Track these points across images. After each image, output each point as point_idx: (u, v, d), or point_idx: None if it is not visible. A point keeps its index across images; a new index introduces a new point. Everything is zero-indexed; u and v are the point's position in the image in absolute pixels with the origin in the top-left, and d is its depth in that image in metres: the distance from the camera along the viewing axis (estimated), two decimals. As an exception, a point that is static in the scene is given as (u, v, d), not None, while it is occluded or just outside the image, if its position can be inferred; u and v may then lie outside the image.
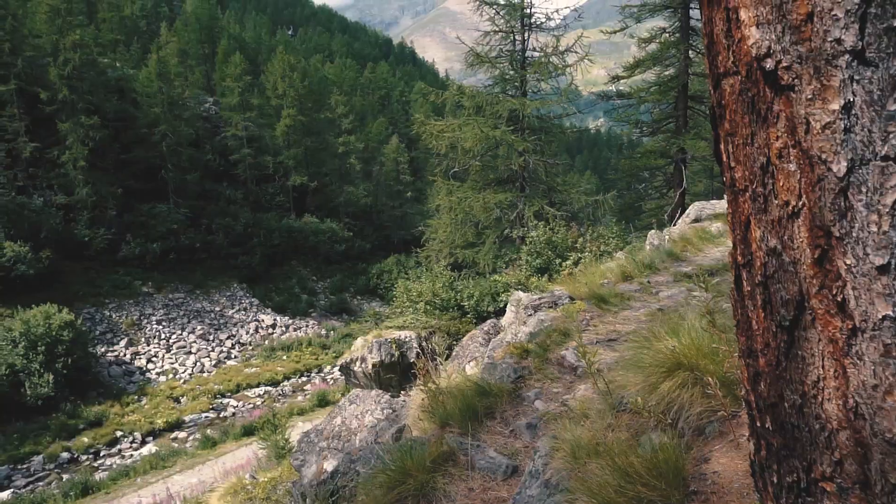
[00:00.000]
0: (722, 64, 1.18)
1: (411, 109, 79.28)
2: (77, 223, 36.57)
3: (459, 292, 15.92)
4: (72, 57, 37.06)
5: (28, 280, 30.82)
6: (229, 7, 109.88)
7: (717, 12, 1.16)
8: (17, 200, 34.12)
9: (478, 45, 20.78)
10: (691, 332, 2.87)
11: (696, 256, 6.41)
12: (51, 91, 36.75)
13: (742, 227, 1.23)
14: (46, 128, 37.01)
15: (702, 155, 23.61)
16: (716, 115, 1.26)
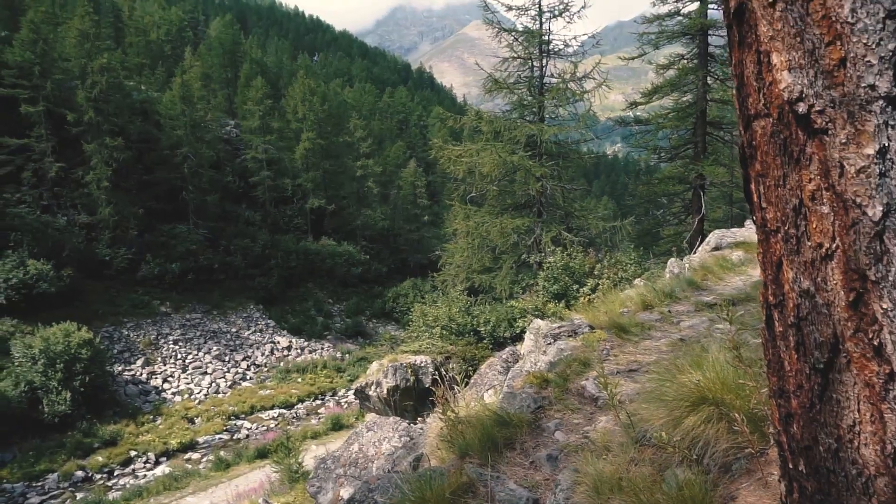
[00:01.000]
0: (753, 106, 1.18)
1: (429, 133, 80.00)
2: (99, 242, 37.13)
3: (476, 317, 15.88)
4: (99, 80, 37.98)
5: (49, 298, 31.25)
6: (252, 32, 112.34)
7: (748, 55, 1.18)
8: (42, 219, 34.76)
9: (496, 70, 21.00)
10: (715, 366, 2.83)
11: (716, 285, 6.35)
12: (78, 113, 37.62)
13: (773, 268, 1.22)
14: (72, 148, 37.83)
15: (720, 181, 23.55)
16: (746, 155, 1.26)
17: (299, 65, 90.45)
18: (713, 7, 21.27)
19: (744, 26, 1.17)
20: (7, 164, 35.68)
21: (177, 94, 43.58)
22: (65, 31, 41.72)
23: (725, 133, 24.02)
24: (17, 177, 36.25)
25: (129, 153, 39.23)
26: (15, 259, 30.76)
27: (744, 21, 1.17)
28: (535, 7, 20.31)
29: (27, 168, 36.41)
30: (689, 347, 3.94)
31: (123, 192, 38.96)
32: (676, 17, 21.86)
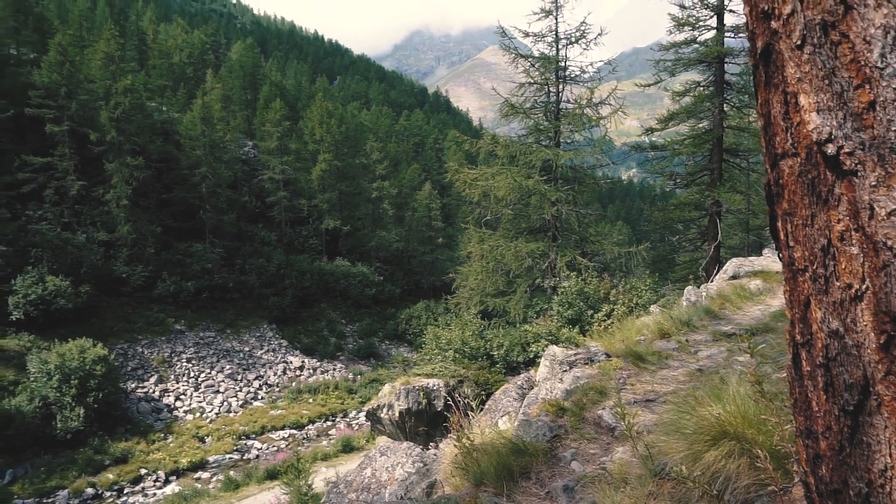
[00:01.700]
0: (780, 145, 1.19)
1: (444, 156, 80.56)
2: (116, 260, 37.56)
3: (489, 341, 15.80)
4: (122, 101, 38.77)
5: (66, 314, 31.57)
6: (272, 56, 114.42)
7: (775, 95, 1.18)
8: (62, 236, 35.28)
9: (513, 95, 21.16)
10: (736, 399, 2.79)
11: (734, 315, 6.28)
12: (100, 132, 38.35)
13: (801, 307, 1.22)
14: (94, 167, 38.51)
15: (737, 208, 23.39)
16: (773, 193, 1.26)
17: (317, 87, 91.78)
18: (730, 35, 21.38)
19: (770, 67, 1.18)
20: (31, 181, 36.37)
21: (197, 115, 44.33)
22: (91, 53, 42.75)
23: (742, 160, 23.96)
24: (39, 194, 36.90)
25: (149, 172, 39.82)
26: (35, 275, 31.19)
27: (770, 62, 1.18)
28: (552, 34, 20.52)
29: (50, 186, 37.07)
30: (708, 378, 3.89)
31: (142, 210, 39.50)
32: (693, 45, 21.98)
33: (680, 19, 21.57)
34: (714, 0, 21.10)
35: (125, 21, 76.75)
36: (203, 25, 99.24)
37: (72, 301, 31.82)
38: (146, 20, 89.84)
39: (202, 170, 42.49)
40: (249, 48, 78.97)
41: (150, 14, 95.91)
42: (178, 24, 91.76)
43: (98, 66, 40.56)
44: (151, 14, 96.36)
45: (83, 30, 53.49)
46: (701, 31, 21.78)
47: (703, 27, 21.60)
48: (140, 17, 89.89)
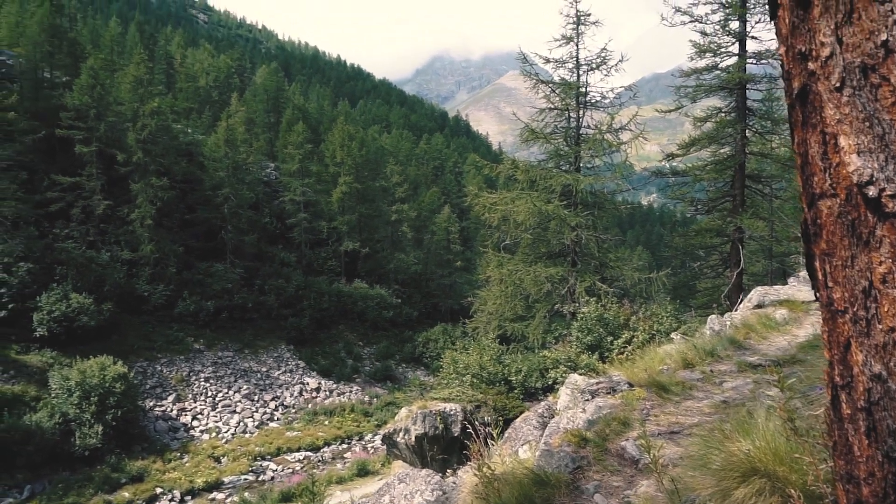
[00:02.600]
0: (818, 185, 1.18)
1: (464, 180, 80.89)
2: (139, 278, 38.07)
3: (507, 366, 15.68)
4: (149, 123, 39.64)
5: (88, 331, 31.96)
6: (295, 80, 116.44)
7: (812, 135, 1.18)
8: (87, 254, 35.90)
9: (533, 121, 21.27)
10: (766, 435, 2.73)
11: (760, 345, 6.17)
12: (127, 153, 39.19)
13: (841, 349, 1.20)
14: (120, 187, 39.27)
15: (760, 234, 23.11)
16: (809, 232, 1.25)
17: (339, 111, 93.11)
18: (752, 62, 21.34)
19: (808, 107, 1.18)
20: (59, 200, 37.16)
21: (221, 137, 45.13)
22: (121, 76, 43.88)
23: (764, 186, 23.75)
24: (67, 213, 37.68)
25: (173, 193, 40.49)
26: (59, 292, 31.69)
27: (808, 102, 1.18)
28: (572, 60, 20.66)
29: (77, 205, 37.85)
30: (734, 411, 3.81)
31: (165, 230, 40.10)
32: (714, 71, 21.95)
33: (701, 46, 21.58)
34: (736, 27, 21.12)
35: (154, 46, 78.82)
36: (229, 50, 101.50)
37: (94, 318, 32.23)
38: (174, 45, 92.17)
39: (225, 191, 43.11)
40: (273, 72, 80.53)
41: (178, 39, 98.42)
42: (205, 49, 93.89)
43: (127, 89, 41.60)
44: (180, 39, 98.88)
45: (114, 54, 55.02)
46: (722, 58, 21.76)
47: (724, 53, 21.58)
48: (169, 42, 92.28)
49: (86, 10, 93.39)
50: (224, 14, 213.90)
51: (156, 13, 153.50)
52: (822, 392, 3.44)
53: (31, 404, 26.85)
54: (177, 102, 56.81)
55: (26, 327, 30.70)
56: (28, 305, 31.09)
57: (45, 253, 34.00)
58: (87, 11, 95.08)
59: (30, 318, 30.77)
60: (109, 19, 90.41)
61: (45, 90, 42.56)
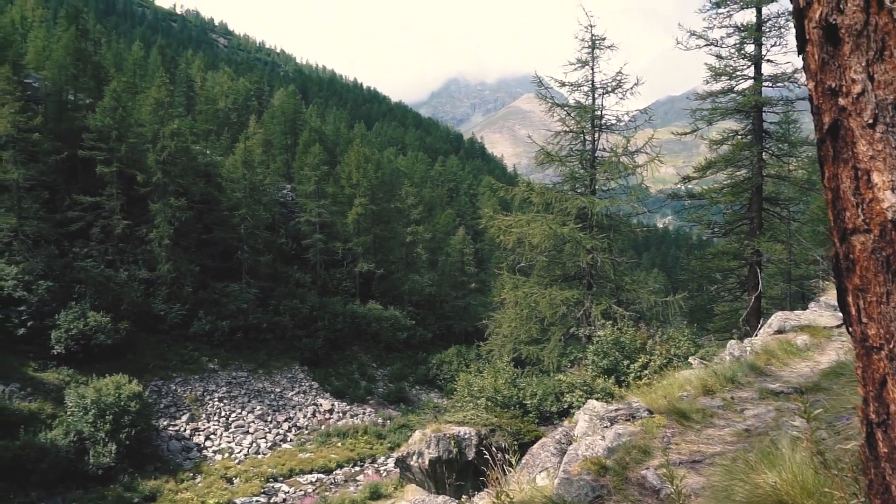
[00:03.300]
0: (850, 220, 1.18)
1: (478, 202, 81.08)
2: (155, 297, 38.40)
3: (522, 390, 15.55)
4: (168, 144, 40.30)
5: (105, 349, 32.23)
6: (313, 102, 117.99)
7: (844, 170, 1.18)
8: (105, 273, 36.34)
9: (548, 143, 21.33)
10: (792, 466, 2.67)
11: (781, 371, 6.07)
12: (147, 174, 39.81)
13: (876, 385, 1.18)
14: (139, 207, 39.83)
15: (778, 258, 22.89)
16: (842, 267, 1.25)
17: (355, 133, 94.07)
18: (767, 85, 21.32)
19: (839, 142, 1.18)
20: (79, 220, 37.75)
21: (239, 158, 45.71)
22: (142, 99, 44.77)
23: (782, 209, 23.59)
24: (86, 232, 38.24)
25: (191, 213, 40.98)
26: (77, 310, 32.05)
27: (839, 137, 1.18)
28: (588, 84, 20.76)
29: (96, 224, 38.42)
30: (758, 440, 3.74)
31: (182, 249, 40.50)
32: (730, 94, 21.95)
33: (717, 69, 21.62)
34: (751, 50, 21.15)
35: (175, 69, 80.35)
36: (248, 73, 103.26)
37: (111, 337, 32.51)
38: (195, 68, 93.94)
39: (242, 211, 43.54)
40: (291, 95, 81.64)
41: (198, 62, 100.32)
42: (225, 72, 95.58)
43: (148, 111, 42.40)
44: (200, 62, 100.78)
45: (136, 77, 56.21)
46: (738, 81, 21.77)
47: (740, 77, 21.60)
48: (189, 66, 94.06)
49: (110, 35, 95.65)
50: (244, 38, 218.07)
51: (177, 37, 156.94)
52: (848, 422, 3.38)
53: (47, 422, 27.02)
54: (196, 124, 57.75)
55: (44, 345, 31.04)
56: (47, 323, 31.47)
57: (64, 271, 34.47)
58: (112, 35, 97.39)
59: (48, 336, 31.13)
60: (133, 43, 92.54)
61: (68, 112, 43.53)
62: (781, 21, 20.36)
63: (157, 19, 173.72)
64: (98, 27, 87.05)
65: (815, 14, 1.18)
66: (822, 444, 2.77)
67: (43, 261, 33.40)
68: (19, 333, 30.66)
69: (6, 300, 30.95)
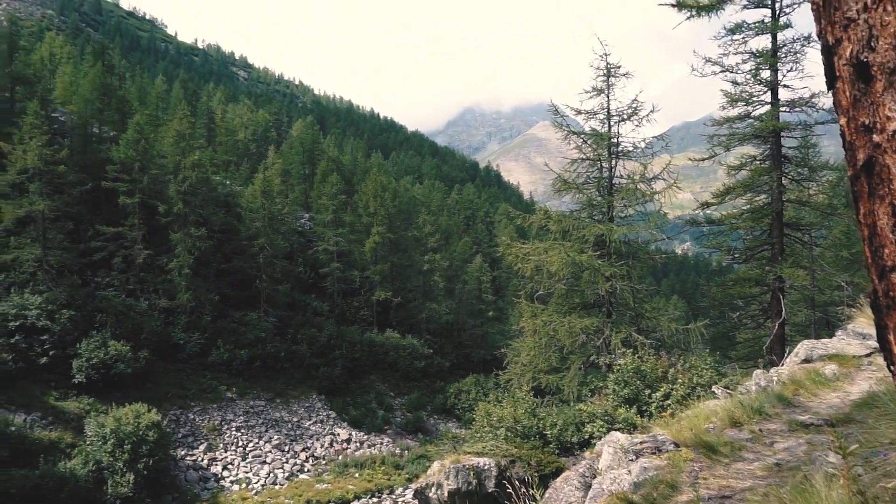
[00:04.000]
0: (889, 258, 1.16)
1: (495, 230, 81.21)
2: (175, 326, 38.70)
3: (542, 420, 15.33)
4: (189, 175, 41.00)
5: (124, 378, 32.44)
6: (330, 132, 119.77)
7: (881, 207, 1.16)
8: (126, 302, 36.79)
9: (565, 171, 21.37)
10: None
11: (810, 402, 5.92)
12: (168, 204, 40.48)
13: (922, 427, 1.15)
14: (160, 237, 40.42)
15: (801, 284, 22.52)
16: (881, 304, 1.22)
17: (372, 162, 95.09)
18: (785, 110, 21.24)
19: (874, 179, 1.17)
20: (102, 250, 38.35)
21: (258, 188, 46.34)
22: (164, 131, 45.77)
23: (804, 234, 23.28)
24: (108, 262, 38.81)
25: (210, 242, 41.46)
26: (98, 339, 32.38)
27: (874, 174, 1.17)
28: (603, 111, 20.85)
29: (118, 254, 39.00)
30: (790, 475, 3.64)
31: (202, 279, 40.89)
32: (747, 120, 21.88)
33: (733, 95, 21.60)
34: (767, 76, 21.13)
35: (197, 101, 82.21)
36: (267, 105, 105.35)
37: (130, 366, 32.74)
38: (216, 100, 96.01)
39: (260, 241, 43.97)
40: (309, 125, 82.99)
41: (219, 95, 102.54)
42: (245, 104, 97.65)
43: (170, 143, 43.29)
44: (221, 95, 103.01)
45: (159, 110, 57.60)
46: (755, 106, 21.71)
47: (756, 102, 21.55)
48: (210, 98, 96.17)
49: (134, 70, 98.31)
50: (263, 71, 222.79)
51: (199, 71, 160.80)
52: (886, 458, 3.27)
53: (67, 451, 27.14)
54: (217, 155, 58.81)
55: (66, 374, 31.34)
56: (68, 352, 31.81)
57: (86, 301, 34.95)
58: (136, 70, 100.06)
59: (70, 365, 31.43)
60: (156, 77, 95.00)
61: (93, 144, 44.57)
62: (797, 46, 20.37)
63: (179, 54, 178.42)
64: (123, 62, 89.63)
65: (846, 52, 1.18)
66: (860, 481, 2.68)
67: (66, 290, 33.91)
68: (42, 362, 30.99)
69: (30, 329, 31.37)
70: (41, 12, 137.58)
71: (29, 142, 34.02)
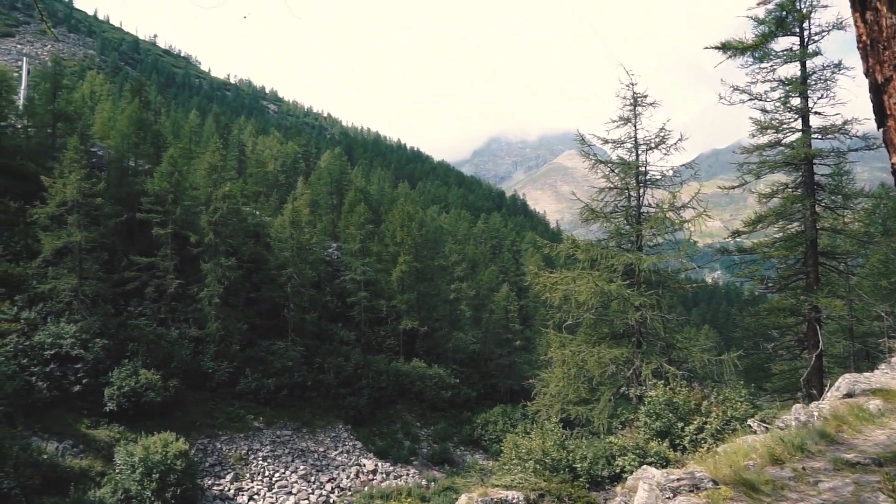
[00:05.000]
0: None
1: (522, 258, 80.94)
2: (204, 355, 39.07)
3: (572, 452, 14.97)
4: (220, 206, 41.80)
5: (154, 406, 32.73)
6: (358, 163, 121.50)
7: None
8: (157, 331, 37.36)
9: (592, 200, 21.23)
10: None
11: (854, 439, 5.67)
12: (199, 235, 41.24)
13: None
14: (191, 266, 41.11)
15: (838, 314, 21.88)
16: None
17: (399, 192, 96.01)
18: (817, 137, 20.92)
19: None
20: (135, 279, 39.11)
21: (287, 218, 47.00)
22: (197, 164, 46.90)
23: (840, 262, 22.69)
24: (141, 291, 39.54)
25: (240, 272, 42.02)
26: (130, 368, 32.84)
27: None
28: (630, 140, 20.76)
29: (151, 284, 39.73)
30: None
31: (231, 308, 41.35)
32: (778, 147, 21.59)
33: (762, 123, 21.37)
34: (798, 103, 20.88)
35: (228, 134, 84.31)
36: (296, 137, 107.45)
37: (160, 395, 33.05)
38: (246, 133, 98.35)
39: (289, 270, 44.40)
40: (337, 157, 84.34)
41: (250, 128, 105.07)
42: (275, 137, 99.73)
43: (202, 175, 44.31)
44: (251, 128, 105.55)
45: (192, 143, 59.10)
46: (785, 134, 21.43)
47: (787, 130, 21.28)
48: (242, 131, 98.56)
49: (169, 105, 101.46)
50: (292, 104, 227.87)
51: (231, 105, 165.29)
52: (942, 501, 3.09)
53: (97, 479, 27.33)
54: (247, 186, 59.91)
55: (98, 402, 31.77)
56: (101, 380, 32.29)
57: (119, 330, 35.57)
58: (171, 105, 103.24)
59: (101, 393, 31.87)
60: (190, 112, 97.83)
61: (129, 177, 45.86)
62: (827, 74, 20.12)
63: (212, 89, 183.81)
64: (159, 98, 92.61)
65: (897, 81, 1.13)
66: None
67: (99, 319, 34.58)
68: (75, 390, 31.48)
69: (64, 358, 31.95)
70: (83, 52, 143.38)
71: (68, 175, 35.12)
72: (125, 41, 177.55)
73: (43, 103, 47.54)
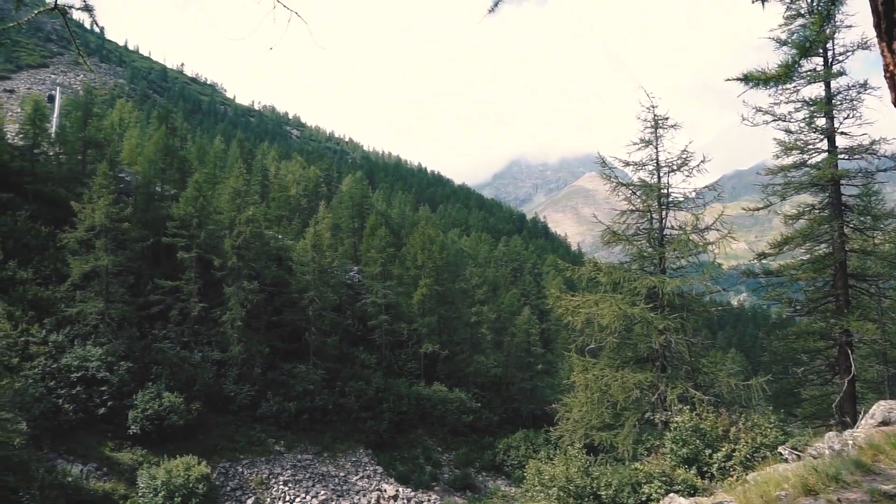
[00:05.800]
0: None
1: (543, 281, 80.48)
2: (226, 378, 39.24)
3: (596, 479, 14.68)
4: (244, 230, 42.31)
5: (176, 429, 32.87)
6: (379, 187, 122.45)
7: None
8: (180, 354, 37.67)
9: (614, 223, 21.09)
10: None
11: (892, 469, 5.44)
12: (223, 258, 41.71)
13: None
14: (215, 290, 41.52)
15: (871, 338, 21.28)
16: None
17: (420, 216, 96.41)
18: (843, 158, 20.59)
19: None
20: (159, 303, 39.61)
21: (309, 242, 47.38)
22: (221, 188, 47.67)
23: (870, 285, 22.14)
24: (165, 314, 39.99)
25: (262, 295, 42.32)
26: (153, 391, 33.10)
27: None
28: (652, 162, 20.65)
29: (175, 307, 40.18)
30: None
31: (253, 331, 41.60)
32: (803, 168, 21.27)
33: (787, 143, 21.11)
34: (823, 123, 20.61)
35: (252, 160, 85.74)
36: (318, 161, 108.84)
37: (183, 418, 33.20)
38: (270, 158, 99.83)
39: (310, 294, 44.61)
40: (359, 181, 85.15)
41: (273, 153, 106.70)
42: (297, 161, 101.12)
43: (226, 200, 44.99)
44: (275, 153, 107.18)
45: (217, 168, 60.19)
46: (811, 154, 21.12)
47: (812, 150, 20.98)
48: (265, 156, 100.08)
49: (195, 131, 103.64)
50: (315, 129, 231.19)
51: (255, 130, 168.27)
52: None
53: (120, 503, 27.41)
54: (270, 210, 60.72)
55: (122, 424, 31.99)
56: (125, 403, 32.56)
57: (143, 353, 35.95)
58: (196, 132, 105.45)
59: (126, 416, 32.11)
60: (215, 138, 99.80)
61: (155, 202, 46.74)
62: (853, 93, 19.87)
63: (237, 115, 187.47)
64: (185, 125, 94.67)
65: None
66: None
67: (125, 342, 35.00)
68: (100, 413, 31.77)
69: (90, 380, 32.32)
70: (114, 81, 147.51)
71: (97, 201, 35.90)
72: (154, 70, 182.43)
73: (74, 131, 48.89)
